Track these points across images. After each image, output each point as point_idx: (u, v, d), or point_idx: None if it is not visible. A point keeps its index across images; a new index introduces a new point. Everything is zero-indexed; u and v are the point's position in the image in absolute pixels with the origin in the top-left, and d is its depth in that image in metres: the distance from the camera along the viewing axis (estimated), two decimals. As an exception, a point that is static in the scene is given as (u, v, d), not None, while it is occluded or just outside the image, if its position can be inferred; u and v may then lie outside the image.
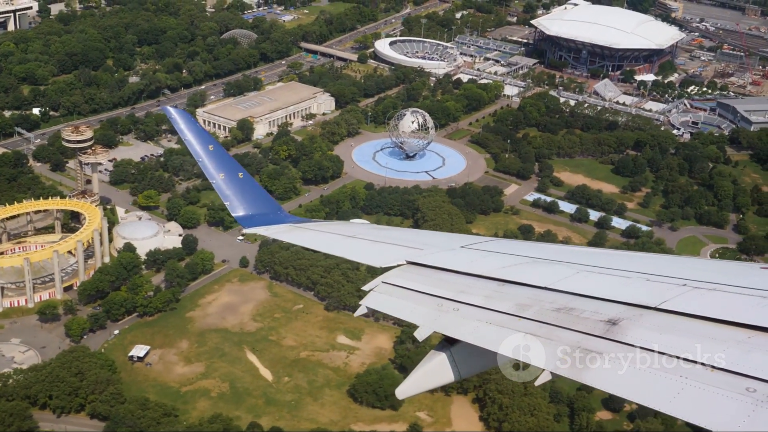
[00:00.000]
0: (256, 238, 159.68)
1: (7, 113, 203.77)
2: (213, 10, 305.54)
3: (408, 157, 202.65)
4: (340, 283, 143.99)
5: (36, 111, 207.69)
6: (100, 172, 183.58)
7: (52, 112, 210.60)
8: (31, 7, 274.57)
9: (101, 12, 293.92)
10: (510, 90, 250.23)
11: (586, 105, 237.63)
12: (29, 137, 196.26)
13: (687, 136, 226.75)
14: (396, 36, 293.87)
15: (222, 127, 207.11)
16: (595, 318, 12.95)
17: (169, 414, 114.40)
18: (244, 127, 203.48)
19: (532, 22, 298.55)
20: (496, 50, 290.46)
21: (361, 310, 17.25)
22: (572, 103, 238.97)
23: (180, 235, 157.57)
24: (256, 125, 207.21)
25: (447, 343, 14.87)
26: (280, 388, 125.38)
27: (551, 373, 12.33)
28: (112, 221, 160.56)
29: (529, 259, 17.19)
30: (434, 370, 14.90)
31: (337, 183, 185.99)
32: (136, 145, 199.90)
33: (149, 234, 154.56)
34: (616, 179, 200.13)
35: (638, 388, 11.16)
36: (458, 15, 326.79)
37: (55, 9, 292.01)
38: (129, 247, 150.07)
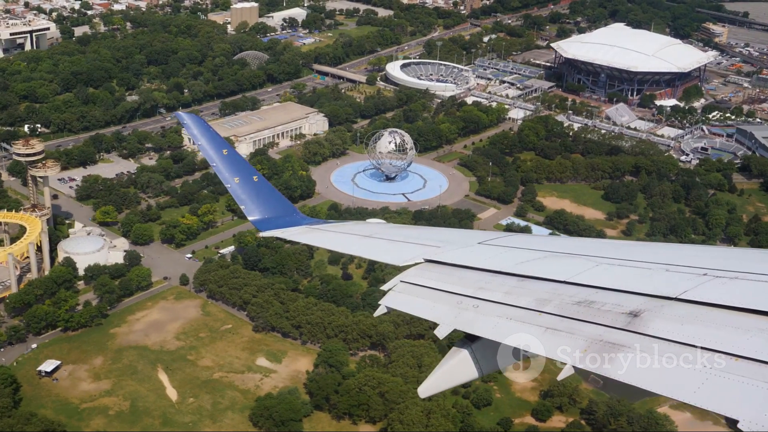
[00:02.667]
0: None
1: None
2: (234, 32, 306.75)
3: (388, 178, 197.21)
4: (269, 303, 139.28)
5: (26, 128, 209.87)
6: (71, 188, 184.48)
7: (43, 129, 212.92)
8: (48, 28, 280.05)
9: (123, 34, 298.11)
10: (516, 113, 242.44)
11: (590, 129, 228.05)
12: (13, 153, 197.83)
13: (695, 162, 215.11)
14: (415, 59, 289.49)
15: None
16: (616, 310, 12.87)
17: (52, 430, 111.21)
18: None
19: (552, 44, 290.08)
20: (515, 73, 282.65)
21: (381, 310, 17.00)
22: (576, 127, 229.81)
23: (125, 251, 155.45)
24: (240, 144, 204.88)
25: (468, 340, 14.88)
26: (182, 409, 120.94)
27: (573, 367, 12.19)
28: (65, 236, 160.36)
29: (548, 253, 17.14)
30: (456, 368, 14.95)
31: (307, 203, 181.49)
32: (116, 162, 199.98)
33: (92, 249, 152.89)
34: (605, 205, 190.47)
35: (662, 379, 11.12)
36: (486, 39, 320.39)
37: (80, 32, 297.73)
38: (68, 262, 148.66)
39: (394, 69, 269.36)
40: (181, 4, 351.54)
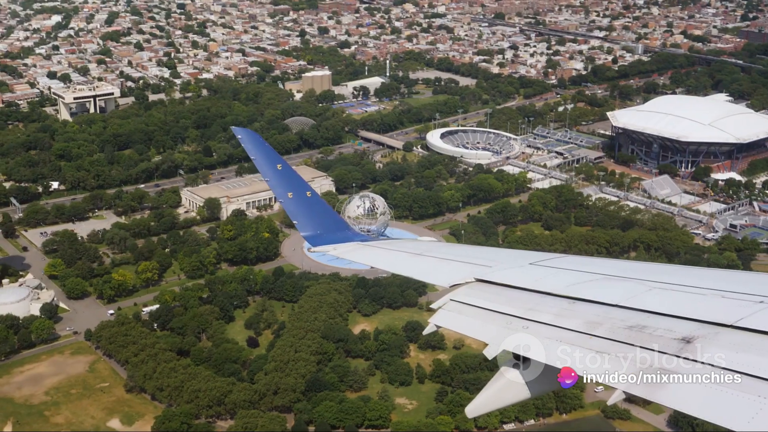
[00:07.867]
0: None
1: (7, 185, 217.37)
2: (301, 100, 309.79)
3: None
4: (144, 363, 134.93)
5: (39, 185, 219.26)
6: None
7: (60, 186, 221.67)
8: (112, 93, 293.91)
9: (192, 100, 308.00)
10: (543, 183, 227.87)
11: (608, 201, 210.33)
12: (17, 207, 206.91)
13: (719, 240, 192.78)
14: (469, 126, 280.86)
15: (197, 205, 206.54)
16: (668, 336, 12.68)
17: None
18: (212, 206, 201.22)
19: (607, 113, 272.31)
20: (570, 143, 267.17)
21: (430, 328, 17.79)
22: (593, 198, 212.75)
23: (45, 303, 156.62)
24: (230, 204, 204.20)
25: (517, 360, 14.93)
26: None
27: (624, 392, 12.01)
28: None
29: (600, 276, 16.96)
30: (505, 389, 14.98)
31: (262, 267, 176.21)
32: (109, 218, 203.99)
33: (12, 299, 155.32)
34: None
35: (714, 408, 10.74)
36: (560, 108, 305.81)
37: (157, 98, 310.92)
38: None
39: (432, 136, 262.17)
40: (270, 74, 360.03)
